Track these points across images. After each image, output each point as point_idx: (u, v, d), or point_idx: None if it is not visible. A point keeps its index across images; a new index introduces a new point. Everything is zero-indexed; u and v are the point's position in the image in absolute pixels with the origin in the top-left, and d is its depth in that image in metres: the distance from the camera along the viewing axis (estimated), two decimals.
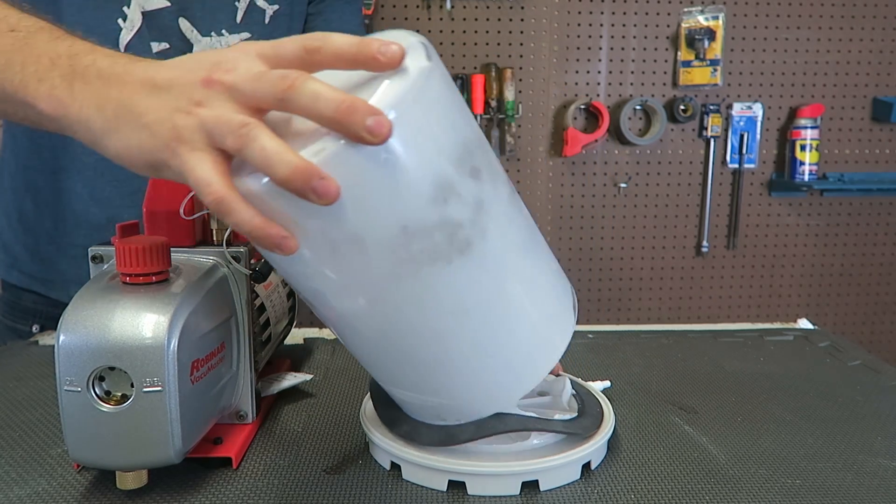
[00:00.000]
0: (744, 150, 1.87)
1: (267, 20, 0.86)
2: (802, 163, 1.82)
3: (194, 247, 0.53)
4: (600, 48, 1.82)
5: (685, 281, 1.94)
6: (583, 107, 1.82)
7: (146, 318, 0.43)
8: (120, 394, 0.43)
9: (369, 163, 0.36)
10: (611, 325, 0.92)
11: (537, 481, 0.48)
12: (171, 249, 0.48)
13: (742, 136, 1.86)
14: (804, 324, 0.91)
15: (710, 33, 1.80)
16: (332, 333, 0.86)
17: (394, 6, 1.74)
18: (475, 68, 1.79)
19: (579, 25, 1.81)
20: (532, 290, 0.46)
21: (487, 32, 1.79)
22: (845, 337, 0.98)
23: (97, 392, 0.43)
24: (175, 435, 0.44)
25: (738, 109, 1.86)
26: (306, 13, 0.91)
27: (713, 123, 1.84)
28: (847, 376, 0.72)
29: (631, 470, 0.51)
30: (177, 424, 0.44)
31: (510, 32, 1.79)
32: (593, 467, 0.51)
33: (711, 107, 1.84)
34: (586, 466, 0.51)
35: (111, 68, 0.40)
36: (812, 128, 1.82)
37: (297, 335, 0.83)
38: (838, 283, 1.98)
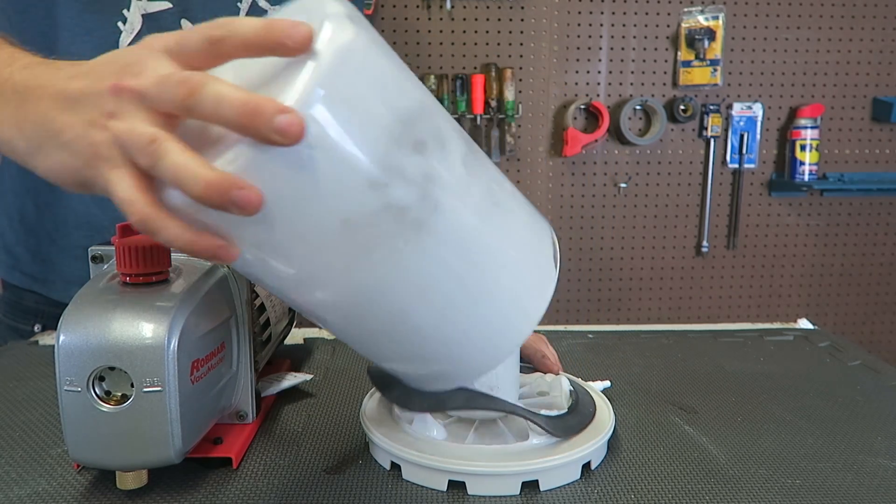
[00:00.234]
0: (744, 150, 1.87)
1: None
2: (802, 163, 1.82)
3: None
4: (600, 48, 1.82)
5: (685, 281, 1.94)
6: (583, 107, 1.82)
7: (146, 318, 0.43)
8: (120, 394, 0.43)
9: (290, 163, 0.33)
10: (611, 325, 0.92)
11: (537, 481, 0.48)
12: (171, 249, 0.48)
13: (742, 136, 1.86)
14: (804, 324, 0.91)
15: (710, 33, 1.80)
16: (330, 335, 0.86)
17: (394, 6, 1.74)
18: (475, 68, 1.79)
19: (579, 25, 1.81)
20: (502, 250, 0.43)
21: (487, 32, 1.79)
22: (845, 337, 0.98)
23: (97, 392, 0.43)
24: (175, 435, 0.44)
25: (738, 109, 1.86)
26: None
27: (713, 123, 1.84)
28: (847, 376, 0.72)
29: (631, 470, 0.51)
30: (177, 424, 0.44)
31: (510, 32, 1.79)
32: (593, 467, 0.51)
33: (711, 107, 1.84)
34: (586, 466, 0.51)
35: (26, 82, 0.39)
36: (812, 128, 1.82)
37: (297, 335, 0.83)
38: (838, 283, 1.98)
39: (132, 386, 0.43)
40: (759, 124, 1.87)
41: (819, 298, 1.98)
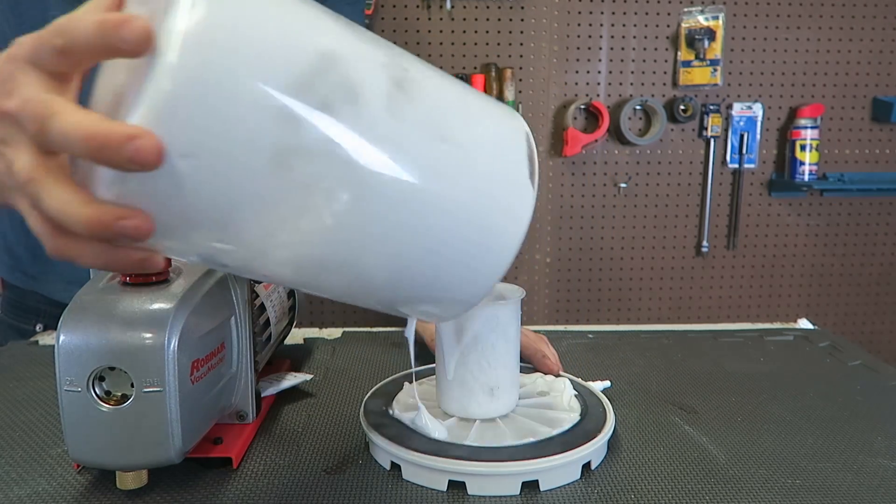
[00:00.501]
0: (744, 150, 1.87)
1: None
2: (802, 163, 1.82)
3: None
4: (600, 48, 1.82)
5: (685, 281, 1.94)
6: (583, 107, 1.82)
7: (146, 319, 0.43)
8: (120, 394, 0.43)
9: (169, 178, 0.29)
10: (611, 325, 0.92)
11: (537, 481, 0.48)
12: None
13: (742, 136, 1.86)
14: (804, 324, 0.91)
15: (710, 33, 1.80)
16: (330, 335, 0.86)
17: (394, 6, 1.74)
18: (475, 68, 1.79)
19: (579, 25, 1.81)
20: (457, 189, 0.37)
21: (487, 32, 1.79)
22: (845, 337, 0.98)
23: (97, 392, 0.43)
24: (175, 435, 0.44)
25: (738, 109, 1.86)
26: None
27: (713, 123, 1.84)
28: (847, 376, 0.72)
29: (631, 470, 0.51)
30: (177, 424, 0.44)
31: (510, 32, 1.79)
32: (593, 467, 0.51)
33: (711, 107, 1.84)
34: (586, 466, 0.51)
35: None
36: (812, 128, 1.82)
37: (297, 335, 0.83)
38: (838, 283, 1.98)
39: (132, 386, 0.43)
40: (759, 124, 1.87)
41: (819, 298, 1.98)
